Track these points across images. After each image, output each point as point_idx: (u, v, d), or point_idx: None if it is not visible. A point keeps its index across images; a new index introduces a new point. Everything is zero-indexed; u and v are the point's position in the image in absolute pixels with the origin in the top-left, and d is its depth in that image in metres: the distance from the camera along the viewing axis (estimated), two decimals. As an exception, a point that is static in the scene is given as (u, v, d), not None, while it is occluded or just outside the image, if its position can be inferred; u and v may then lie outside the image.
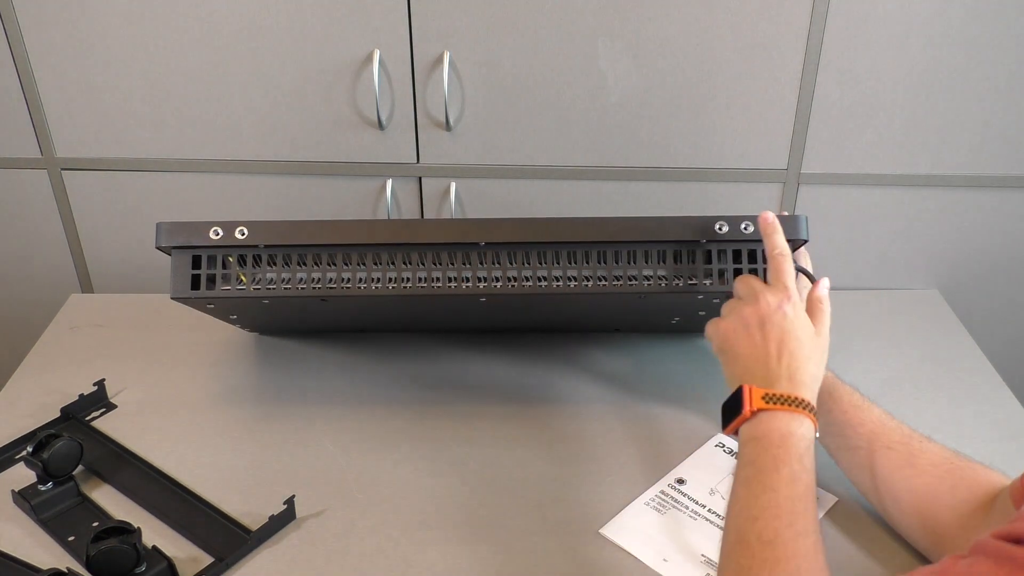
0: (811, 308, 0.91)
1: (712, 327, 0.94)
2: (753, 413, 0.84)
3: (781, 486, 0.79)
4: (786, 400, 0.84)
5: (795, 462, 0.80)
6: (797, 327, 0.88)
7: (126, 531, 0.91)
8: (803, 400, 0.84)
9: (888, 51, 1.32)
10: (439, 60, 1.34)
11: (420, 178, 1.45)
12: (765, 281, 1.03)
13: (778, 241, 0.93)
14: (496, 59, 1.35)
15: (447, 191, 1.45)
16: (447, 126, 1.39)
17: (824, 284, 0.93)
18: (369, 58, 1.35)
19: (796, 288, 0.91)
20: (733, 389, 0.87)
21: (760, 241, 0.98)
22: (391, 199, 1.45)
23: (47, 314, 1.39)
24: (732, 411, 0.86)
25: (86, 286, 1.57)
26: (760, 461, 0.81)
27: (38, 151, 1.45)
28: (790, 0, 1.29)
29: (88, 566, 0.88)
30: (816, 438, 0.85)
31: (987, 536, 0.64)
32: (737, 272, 0.99)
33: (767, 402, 0.84)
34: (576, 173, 1.43)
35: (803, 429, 0.83)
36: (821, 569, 0.74)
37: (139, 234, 1.50)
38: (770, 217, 0.94)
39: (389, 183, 1.44)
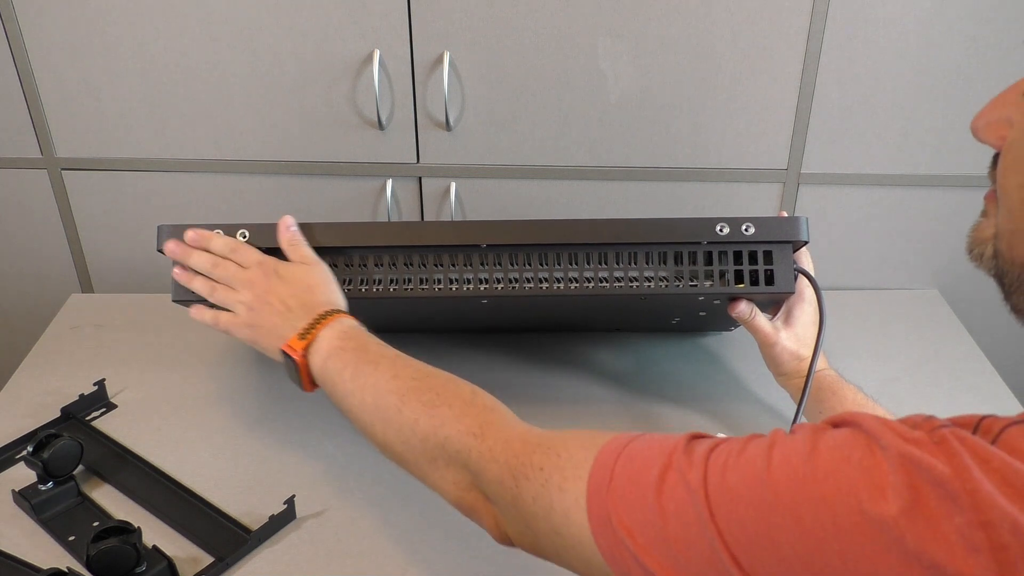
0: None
1: (227, 318, 0.99)
2: (305, 353, 0.89)
3: (384, 364, 0.86)
4: (313, 326, 0.90)
5: (373, 346, 0.88)
6: (281, 275, 0.96)
7: (126, 531, 0.91)
8: (323, 313, 0.91)
9: (888, 51, 1.32)
10: (439, 60, 1.34)
11: (420, 178, 1.45)
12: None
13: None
14: (496, 59, 1.35)
15: (447, 191, 1.45)
16: (447, 126, 1.39)
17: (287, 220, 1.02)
18: (369, 58, 1.35)
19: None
20: (281, 360, 0.92)
21: (760, 242, 0.98)
22: (391, 199, 1.45)
23: (47, 314, 1.39)
24: (294, 372, 0.91)
25: (86, 286, 1.57)
26: (349, 368, 0.86)
27: (38, 151, 1.45)
28: (790, 0, 1.29)
29: (88, 566, 0.88)
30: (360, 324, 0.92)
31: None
32: (738, 273, 0.99)
33: (303, 338, 0.90)
34: (576, 173, 1.43)
35: (343, 325, 0.90)
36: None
37: (139, 234, 1.50)
38: (192, 234, 1.02)
39: (389, 183, 1.44)
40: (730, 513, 0.55)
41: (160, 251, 1.02)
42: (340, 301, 0.96)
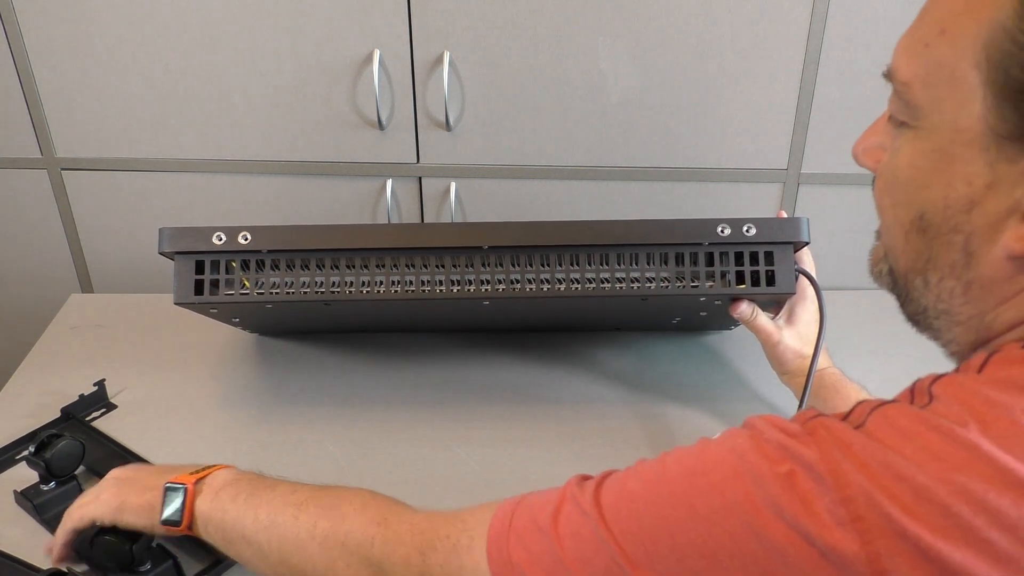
0: None
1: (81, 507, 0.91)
2: (195, 485, 0.87)
3: (281, 485, 0.85)
4: (206, 467, 0.89)
5: (269, 478, 0.87)
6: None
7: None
8: (211, 465, 0.90)
9: (888, 51, 1.32)
10: (439, 60, 1.34)
11: (420, 178, 1.46)
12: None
13: None
14: (496, 59, 1.35)
15: (447, 191, 1.45)
16: (447, 126, 1.39)
17: None
18: (369, 58, 1.35)
19: None
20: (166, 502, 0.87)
21: (762, 243, 0.98)
22: (391, 199, 1.45)
23: (47, 314, 1.39)
24: (177, 507, 0.87)
25: (86, 286, 1.57)
26: (246, 492, 0.85)
27: (38, 151, 1.45)
28: (790, 0, 1.29)
29: (89, 556, 0.89)
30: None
31: None
32: (739, 274, 0.99)
33: (195, 473, 0.88)
34: (576, 173, 1.44)
35: (238, 470, 0.90)
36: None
37: (139, 234, 1.50)
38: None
39: (389, 183, 1.44)
40: (627, 519, 0.61)
41: (162, 253, 1.02)
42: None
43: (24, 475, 1.04)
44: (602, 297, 1.00)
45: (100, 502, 0.89)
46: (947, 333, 0.64)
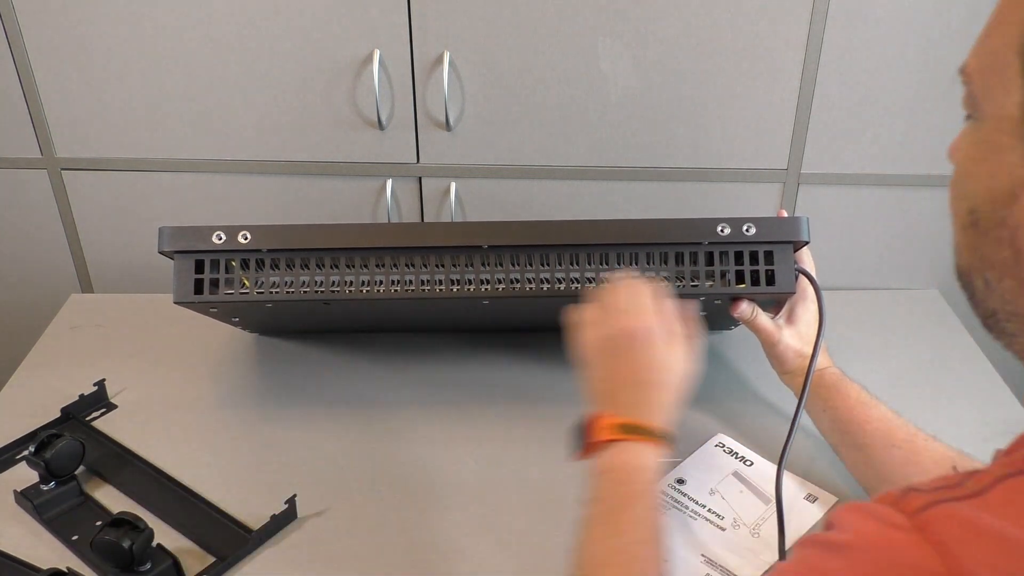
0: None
1: (582, 334, 0.90)
2: (604, 443, 0.82)
3: (628, 529, 0.76)
4: (637, 429, 0.82)
5: (639, 502, 0.78)
6: (673, 336, 0.88)
7: (136, 526, 0.91)
8: (654, 429, 0.82)
9: (888, 51, 1.32)
10: (439, 60, 1.34)
11: (420, 178, 1.46)
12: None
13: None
14: (496, 59, 1.35)
15: (447, 191, 1.45)
16: (447, 126, 1.39)
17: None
18: (369, 58, 1.35)
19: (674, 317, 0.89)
20: (591, 408, 0.84)
21: (761, 243, 0.98)
22: (391, 199, 1.45)
23: (47, 314, 1.39)
24: (582, 436, 0.84)
25: (86, 286, 1.57)
26: (610, 499, 0.79)
27: (38, 151, 1.45)
28: (790, 0, 1.29)
29: (93, 550, 0.90)
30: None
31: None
32: (739, 273, 0.99)
33: (617, 431, 0.82)
34: (576, 173, 1.43)
35: (648, 458, 0.81)
36: None
37: (139, 234, 1.50)
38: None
39: (389, 183, 1.44)
40: None
41: (162, 252, 1.02)
42: (672, 418, 0.86)
43: (24, 475, 1.04)
44: (602, 296, 1.00)
45: (592, 330, 0.89)
46: (1022, 336, 0.59)
